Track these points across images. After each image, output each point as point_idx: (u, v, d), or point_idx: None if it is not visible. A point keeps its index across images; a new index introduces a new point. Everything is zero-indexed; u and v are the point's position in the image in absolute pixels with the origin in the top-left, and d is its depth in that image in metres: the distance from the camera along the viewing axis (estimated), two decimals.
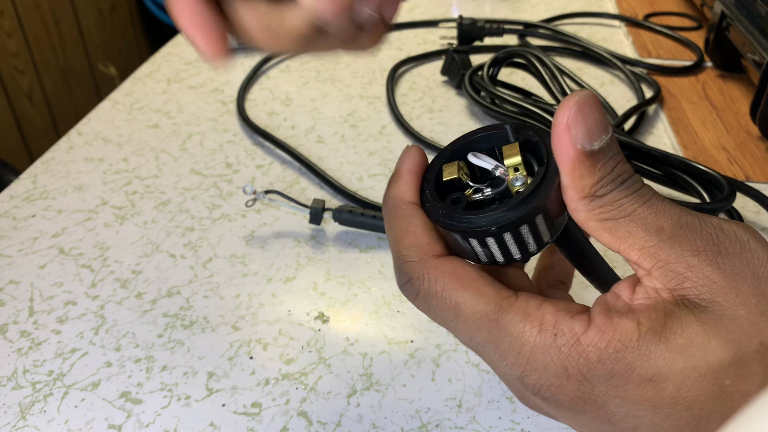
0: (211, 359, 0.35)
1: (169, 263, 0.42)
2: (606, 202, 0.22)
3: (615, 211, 0.21)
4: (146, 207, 0.47)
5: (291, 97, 0.63)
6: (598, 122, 0.21)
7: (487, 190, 0.24)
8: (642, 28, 0.78)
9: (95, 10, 1.73)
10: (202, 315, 0.38)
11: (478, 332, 0.22)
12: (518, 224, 0.22)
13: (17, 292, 0.40)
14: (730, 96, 0.62)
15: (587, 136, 0.21)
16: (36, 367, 0.35)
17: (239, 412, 0.32)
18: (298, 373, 0.35)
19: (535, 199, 0.22)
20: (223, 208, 0.47)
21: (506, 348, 0.22)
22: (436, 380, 0.34)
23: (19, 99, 1.50)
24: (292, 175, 0.51)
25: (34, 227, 0.45)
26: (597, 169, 0.21)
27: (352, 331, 0.37)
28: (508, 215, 0.22)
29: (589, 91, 0.22)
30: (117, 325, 0.37)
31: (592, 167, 0.21)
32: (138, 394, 0.33)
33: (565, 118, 0.21)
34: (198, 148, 0.55)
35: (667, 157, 0.42)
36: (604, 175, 0.22)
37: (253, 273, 0.41)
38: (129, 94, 0.64)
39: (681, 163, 0.42)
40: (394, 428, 0.32)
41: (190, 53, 0.73)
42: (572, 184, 0.22)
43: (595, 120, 0.21)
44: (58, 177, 0.51)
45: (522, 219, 0.22)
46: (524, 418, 0.32)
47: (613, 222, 0.21)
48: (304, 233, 0.45)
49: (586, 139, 0.21)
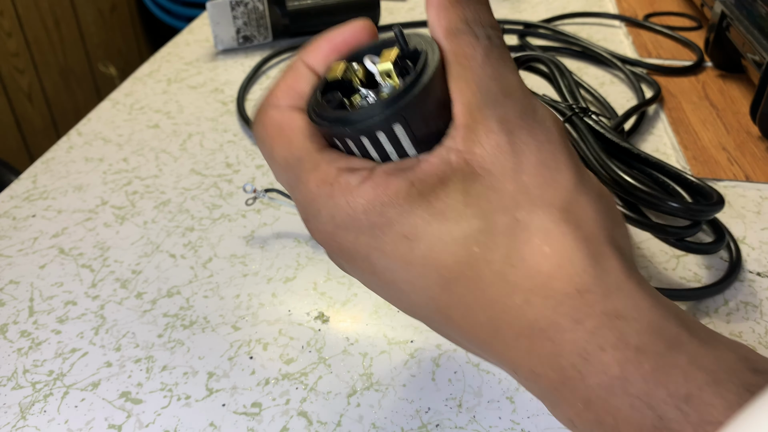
0: (211, 359, 0.35)
1: (169, 263, 0.42)
2: (464, 40, 0.22)
3: (467, 52, 0.22)
4: (146, 207, 0.47)
5: None
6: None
7: (371, 97, 0.23)
8: (642, 28, 0.78)
9: (95, 10, 1.73)
10: (202, 315, 0.38)
11: (283, 175, 0.24)
12: (372, 130, 0.22)
13: (17, 292, 0.40)
14: (730, 96, 0.62)
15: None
16: (36, 367, 0.35)
17: (239, 412, 0.32)
18: (298, 373, 0.35)
19: (390, 105, 0.21)
20: (223, 208, 0.47)
21: (297, 192, 0.23)
22: (436, 380, 0.34)
23: (19, 99, 1.50)
24: None
25: (34, 227, 0.45)
26: (462, 5, 0.22)
27: (352, 331, 0.37)
28: (360, 117, 0.22)
29: None
30: (117, 325, 0.37)
31: (457, 3, 0.22)
32: (138, 394, 0.33)
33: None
34: (198, 148, 0.55)
35: (661, 166, 0.42)
36: (467, 12, 0.22)
37: (253, 273, 0.41)
38: (129, 94, 0.64)
39: (672, 173, 0.41)
40: (394, 428, 0.32)
41: (190, 53, 0.73)
42: (437, 20, 0.23)
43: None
44: (58, 177, 0.51)
45: (376, 125, 0.21)
46: (524, 418, 0.32)
47: (461, 67, 0.22)
48: (304, 233, 0.45)
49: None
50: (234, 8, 0.71)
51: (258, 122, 0.25)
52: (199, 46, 0.75)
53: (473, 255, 0.21)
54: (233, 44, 0.73)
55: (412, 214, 0.21)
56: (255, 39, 0.74)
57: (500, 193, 0.21)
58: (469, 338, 0.22)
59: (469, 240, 0.21)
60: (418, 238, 0.21)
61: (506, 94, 0.22)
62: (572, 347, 0.20)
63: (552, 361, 0.21)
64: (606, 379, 0.20)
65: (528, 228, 0.21)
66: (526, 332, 0.21)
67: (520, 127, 0.22)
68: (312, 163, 0.23)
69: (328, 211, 0.22)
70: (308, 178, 0.23)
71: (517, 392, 0.33)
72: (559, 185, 0.21)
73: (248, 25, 0.72)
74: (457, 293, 0.21)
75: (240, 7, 0.71)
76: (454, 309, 0.22)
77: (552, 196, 0.21)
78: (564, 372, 0.20)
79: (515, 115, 0.22)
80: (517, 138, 0.21)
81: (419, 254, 0.21)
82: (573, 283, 0.20)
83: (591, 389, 0.20)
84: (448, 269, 0.21)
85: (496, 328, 0.21)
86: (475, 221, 0.21)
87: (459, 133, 0.22)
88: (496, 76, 0.22)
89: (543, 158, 0.22)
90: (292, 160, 0.23)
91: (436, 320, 0.23)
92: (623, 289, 0.21)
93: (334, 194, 0.22)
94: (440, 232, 0.21)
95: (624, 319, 0.20)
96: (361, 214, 0.21)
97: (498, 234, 0.21)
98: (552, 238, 0.21)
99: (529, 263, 0.21)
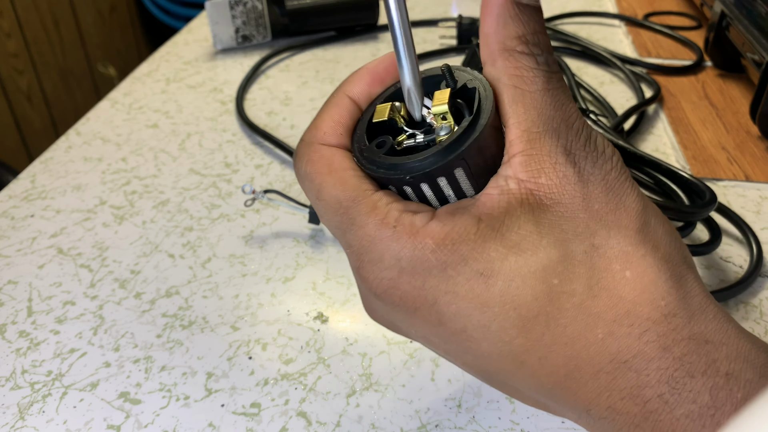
0: (210, 359, 0.35)
1: (168, 263, 0.42)
2: (523, 63, 0.22)
3: (527, 76, 0.21)
4: (145, 207, 0.47)
5: (290, 97, 0.63)
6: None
7: (420, 137, 0.23)
8: (642, 28, 0.78)
9: (94, 11, 1.73)
10: (201, 315, 0.38)
11: (333, 217, 0.23)
12: (434, 175, 0.21)
13: (16, 292, 0.40)
14: (729, 96, 0.62)
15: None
16: (34, 368, 0.35)
17: (238, 412, 0.32)
18: (297, 373, 0.34)
19: (452, 151, 0.21)
20: (222, 208, 0.47)
21: (351, 237, 0.22)
22: (435, 380, 0.34)
23: (18, 100, 1.50)
24: (292, 174, 0.51)
25: (33, 227, 0.45)
26: (522, 22, 0.22)
27: (352, 331, 0.37)
28: (421, 164, 0.21)
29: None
30: (116, 325, 0.37)
31: (517, 18, 0.22)
32: (137, 394, 0.33)
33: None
34: (197, 148, 0.55)
35: (656, 164, 0.42)
36: (527, 32, 0.22)
37: (252, 273, 0.41)
38: (128, 94, 0.64)
39: (667, 171, 0.41)
40: (394, 428, 0.32)
41: (188, 53, 0.73)
42: (495, 32, 0.22)
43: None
44: (56, 177, 0.51)
45: (437, 170, 0.21)
46: (524, 418, 0.32)
47: (520, 91, 0.21)
48: (303, 233, 0.45)
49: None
50: (233, 8, 0.71)
51: (303, 158, 0.23)
52: (198, 46, 0.75)
53: (553, 288, 0.20)
54: (232, 44, 0.73)
55: (486, 249, 0.20)
56: (254, 38, 0.73)
57: (573, 221, 0.21)
58: (540, 384, 0.21)
59: (548, 272, 0.20)
60: (494, 275, 0.20)
61: (568, 125, 0.21)
62: (659, 376, 0.19)
63: (635, 393, 0.20)
64: (695, 409, 0.19)
65: (606, 254, 0.20)
66: (607, 367, 0.20)
67: (584, 158, 0.21)
68: (369, 205, 0.22)
69: (392, 254, 0.21)
70: (366, 220, 0.21)
71: None
72: (629, 208, 0.21)
73: (247, 25, 0.72)
74: (535, 333, 0.20)
75: (239, 7, 0.71)
76: (531, 352, 0.21)
77: (627, 220, 0.21)
78: (648, 405, 0.19)
79: (579, 146, 0.21)
80: (583, 169, 0.21)
81: (496, 292, 0.20)
82: (658, 308, 0.20)
83: (677, 421, 0.19)
84: (527, 307, 0.20)
85: (574, 368, 0.20)
86: (553, 251, 0.20)
87: (518, 161, 0.21)
88: (557, 105, 0.21)
89: (610, 186, 0.21)
90: (346, 202, 0.22)
91: (505, 370, 0.21)
92: (707, 312, 0.20)
93: (398, 236, 0.21)
94: (517, 265, 0.20)
95: (712, 343, 0.19)
96: (431, 254, 0.20)
97: (576, 263, 0.20)
98: (632, 261, 0.20)
99: (612, 291, 0.20)
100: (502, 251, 0.20)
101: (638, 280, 0.20)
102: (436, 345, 0.22)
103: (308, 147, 0.23)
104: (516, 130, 0.21)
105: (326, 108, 0.24)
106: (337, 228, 0.23)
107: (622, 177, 0.22)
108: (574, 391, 0.21)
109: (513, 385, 0.22)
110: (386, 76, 0.24)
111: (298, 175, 0.24)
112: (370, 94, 0.24)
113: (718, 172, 0.51)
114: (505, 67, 0.22)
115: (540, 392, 0.22)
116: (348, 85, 0.24)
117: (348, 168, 0.23)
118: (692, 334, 0.20)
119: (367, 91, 0.24)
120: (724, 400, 0.19)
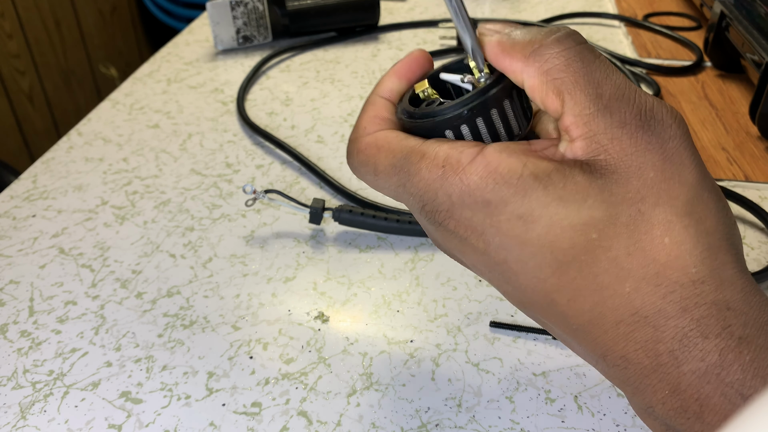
0: (211, 359, 0.35)
1: (169, 263, 0.42)
2: (548, 53, 0.22)
3: (558, 64, 0.22)
4: (146, 207, 0.48)
5: (291, 97, 0.63)
6: None
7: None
8: (641, 28, 0.78)
9: (96, 12, 1.73)
10: (202, 315, 0.38)
11: (392, 180, 0.25)
12: (487, 106, 0.23)
13: (17, 292, 0.40)
14: (729, 96, 0.62)
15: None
16: (36, 367, 0.35)
17: (239, 411, 0.32)
18: (298, 372, 0.35)
19: (500, 83, 0.23)
20: (223, 208, 0.47)
21: (410, 186, 0.24)
22: (435, 380, 0.34)
23: (20, 100, 1.50)
24: (292, 174, 0.51)
25: (34, 227, 0.46)
26: (523, 30, 0.23)
27: (352, 330, 0.37)
28: (475, 96, 0.23)
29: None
30: (117, 324, 0.37)
31: (518, 32, 0.23)
32: (138, 393, 0.33)
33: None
34: (198, 148, 0.55)
35: None
36: (535, 34, 0.23)
37: (253, 273, 0.41)
38: (129, 94, 0.64)
39: None
40: (394, 428, 0.32)
41: (190, 53, 0.73)
42: (509, 55, 0.23)
43: None
44: (58, 177, 0.51)
45: (489, 101, 0.23)
46: (524, 417, 0.32)
47: (560, 80, 0.22)
48: (304, 233, 0.45)
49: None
50: (234, 8, 0.71)
51: (353, 152, 0.26)
52: (199, 46, 0.75)
53: (591, 241, 0.21)
54: (233, 44, 0.73)
55: (527, 197, 0.21)
56: (255, 39, 0.74)
57: (626, 187, 0.21)
58: (567, 322, 0.23)
59: (589, 227, 0.21)
60: (534, 220, 0.22)
61: (619, 97, 0.22)
62: (674, 333, 0.21)
63: (649, 347, 0.21)
64: (702, 366, 0.20)
65: (650, 220, 0.21)
66: (628, 319, 0.21)
67: (641, 128, 0.22)
68: (418, 154, 0.24)
69: (444, 191, 0.23)
70: (418, 168, 0.23)
71: (516, 392, 0.33)
72: (684, 180, 0.22)
73: (248, 25, 0.72)
74: (568, 276, 0.22)
75: (240, 8, 0.71)
76: (562, 292, 0.22)
77: (677, 191, 0.22)
78: (658, 358, 0.21)
79: (634, 117, 0.22)
80: (641, 139, 0.22)
81: (534, 235, 0.22)
82: (688, 274, 0.21)
83: (683, 375, 0.21)
84: (563, 252, 0.22)
85: (598, 314, 0.22)
86: (597, 211, 0.21)
87: (578, 145, 0.22)
88: (602, 80, 0.22)
89: (667, 155, 0.22)
90: (399, 162, 0.24)
91: (538, 304, 0.23)
92: (736, 284, 0.21)
93: (446, 175, 0.22)
94: (559, 216, 0.21)
95: (732, 310, 0.20)
96: (476, 190, 0.22)
97: (620, 224, 0.21)
98: (673, 230, 0.21)
99: (647, 252, 0.21)
100: (544, 200, 0.21)
101: (674, 247, 0.21)
102: (482, 273, 0.24)
103: (354, 143, 0.26)
104: (569, 117, 0.22)
105: (362, 110, 0.27)
106: (398, 187, 0.25)
107: (682, 146, 0.22)
108: (594, 337, 0.22)
109: (543, 321, 0.24)
110: (410, 74, 0.27)
111: (353, 168, 0.26)
112: (400, 89, 0.27)
113: (717, 172, 0.51)
114: (535, 69, 0.22)
115: (566, 332, 0.23)
116: (378, 88, 0.27)
117: (392, 139, 0.25)
118: (716, 300, 0.21)
119: (396, 89, 0.27)
120: (732, 360, 0.20)
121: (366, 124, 0.26)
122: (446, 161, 0.23)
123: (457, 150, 0.23)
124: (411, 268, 0.42)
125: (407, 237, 0.44)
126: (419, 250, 0.43)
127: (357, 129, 0.26)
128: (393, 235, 0.44)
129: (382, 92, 0.27)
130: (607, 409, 0.33)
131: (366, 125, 0.26)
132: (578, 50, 0.22)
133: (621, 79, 0.22)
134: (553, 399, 0.33)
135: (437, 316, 0.38)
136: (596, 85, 0.22)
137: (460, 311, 0.38)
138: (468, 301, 0.39)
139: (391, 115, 0.26)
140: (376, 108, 0.26)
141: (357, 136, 0.26)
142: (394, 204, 0.47)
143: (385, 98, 0.27)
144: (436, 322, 0.38)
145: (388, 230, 0.44)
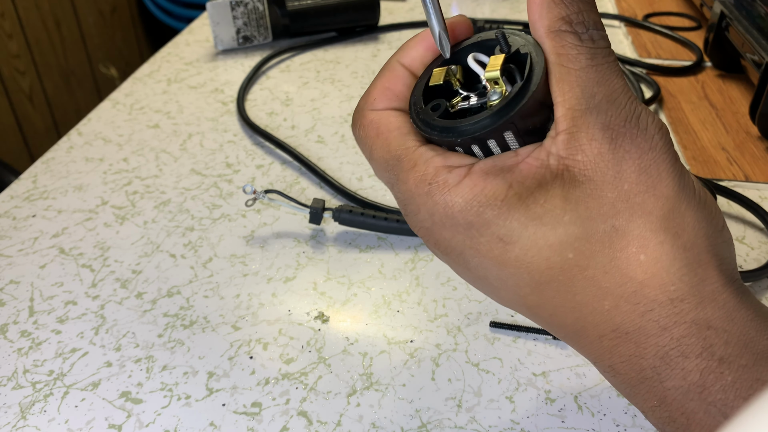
0: (211, 359, 0.35)
1: (169, 263, 0.42)
2: (567, 41, 0.22)
3: (571, 54, 0.22)
4: (146, 207, 0.48)
5: (291, 97, 0.63)
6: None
7: (474, 99, 0.24)
8: (641, 28, 0.78)
9: (96, 12, 1.73)
10: (202, 315, 0.38)
11: (383, 174, 0.25)
12: (483, 138, 0.23)
13: (17, 292, 0.40)
14: (729, 96, 0.62)
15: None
16: (36, 367, 0.35)
17: (239, 411, 0.33)
18: (298, 372, 0.35)
19: (502, 116, 0.22)
20: (224, 208, 0.47)
21: (396, 190, 0.24)
22: (435, 380, 0.34)
23: (20, 100, 1.50)
24: (292, 175, 0.51)
25: (35, 227, 0.46)
26: (565, 4, 0.22)
27: (352, 330, 0.37)
28: (472, 128, 0.23)
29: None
30: (117, 324, 0.37)
31: (560, 1, 0.22)
32: (138, 393, 0.33)
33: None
34: (198, 148, 0.55)
35: None
36: (571, 12, 0.22)
37: (253, 273, 0.41)
38: (129, 94, 0.64)
39: None
40: (394, 428, 0.32)
41: (190, 53, 0.73)
42: (540, 17, 0.23)
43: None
44: (58, 177, 0.51)
45: (487, 134, 0.22)
46: (524, 418, 0.32)
47: (566, 70, 0.22)
48: (304, 233, 0.45)
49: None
50: (234, 8, 0.71)
51: (356, 124, 0.26)
52: (199, 47, 0.75)
53: (567, 261, 0.21)
54: (233, 44, 0.73)
55: (509, 218, 0.21)
56: (255, 39, 0.74)
57: (600, 200, 0.21)
58: (554, 332, 0.24)
59: (565, 246, 0.21)
60: (513, 241, 0.22)
61: (610, 100, 0.22)
62: (655, 351, 0.21)
63: (633, 361, 0.21)
64: (684, 384, 0.20)
65: (625, 236, 0.21)
66: (610, 335, 0.21)
67: (622, 134, 0.22)
68: (410, 162, 0.23)
69: (427, 209, 0.23)
70: (407, 177, 0.23)
71: (516, 392, 0.33)
72: (659, 193, 0.21)
73: (248, 26, 0.72)
74: (546, 295, 0.22)
75: (240, 8, 0.71)
76: (543, 308, 0.23)
77: (652, 205, 0.21)
78: (643, 372, 0.21)
79: (619, 122, 0.22)
80: (620, 146, 0.21)
81: (513, 256, 0.22)
82: (666, 292, 0.21)
83: (668, 391, 0.21)
84: (540, 273, 0.22)
85: (581, 328, 0.22)
86: (573, 228, 0.21)
87: (561, 138, 0.22)
88: (600, 81, 0.22)
89: (645, 166, 0.22)
90: (392, 161, 0.24)
91: (523, 314, 0.24)
92: (718, 300, 0.21)
93: (432, 193, 0.22)
94: (536, 236, 0.21)
95: (714, 329, 0.20)
96: (458, 213, 0.22)
97: (595, 241, 0.21)
98: (649, 246, 0.21)
99: (623, 270, 0.21)
100: (523, 221, 0.21)
101: (650, 264, 0.21)
102: (469, 282, 0.25)
103: (360, 113, 0.26)
104: (561, 109, 0.22)
105: (379, 75, 0.26)
106: (388, 182, 0.25)
107: (661, 158, 0.22)
108: (582, 346, 0.23)
109: (536, 322, 0.25)
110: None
111: (356, 139, 0.26)
112: (424, 60, 0.26)
113: (717, 172, 0.51)
114: (551, 47, 0.22)
115: (556, 335, 0.24)
116: (400, 53, 0.26)
117: (393, 129, 0.24)
118: (696, 319, 0.21)
119: (420, 58, 0.26)
120: (713, 381, 0.20)
121: (377, 94, 0.25)
122: (434, 179, 0.23)
123: (446, 168, 0.23)
124: (411, 268, 0.42)
125: (407, 237, 0.44)
126: (419, 250, 0.43)
127: (367, 96, 0.26)
128: (393, 235, 0.44)
129: (404, 59, 0.26)
130: (607, 409, 0.33)
131: (376, 96, 0.25)
132: (592, 51, 0.22)
133: (620, 85, 0.22)
134: (553, 399, 0.33)
135: (437, 316, 0.38)
136: (594, 84, 0.22)
137: (460, 311, 0.38)
138: (468, 301, 0.39)
139: (406, 89, 0.25)
140: (392, 78, 0.25)
141: (364, 106, 0.25)
142: (394, 204, 0.47)
143: (406, 66, 0.26)
144: (436, 322, 0.38)
145: (388, 230, 0.44)
